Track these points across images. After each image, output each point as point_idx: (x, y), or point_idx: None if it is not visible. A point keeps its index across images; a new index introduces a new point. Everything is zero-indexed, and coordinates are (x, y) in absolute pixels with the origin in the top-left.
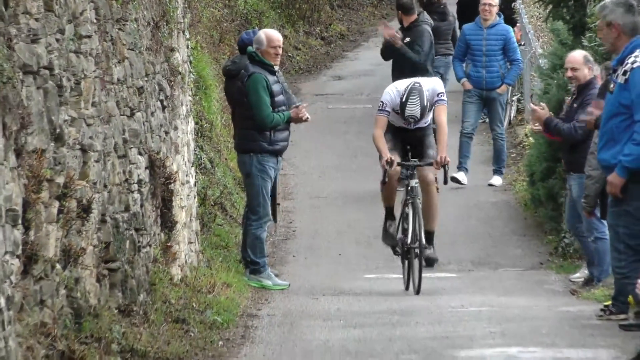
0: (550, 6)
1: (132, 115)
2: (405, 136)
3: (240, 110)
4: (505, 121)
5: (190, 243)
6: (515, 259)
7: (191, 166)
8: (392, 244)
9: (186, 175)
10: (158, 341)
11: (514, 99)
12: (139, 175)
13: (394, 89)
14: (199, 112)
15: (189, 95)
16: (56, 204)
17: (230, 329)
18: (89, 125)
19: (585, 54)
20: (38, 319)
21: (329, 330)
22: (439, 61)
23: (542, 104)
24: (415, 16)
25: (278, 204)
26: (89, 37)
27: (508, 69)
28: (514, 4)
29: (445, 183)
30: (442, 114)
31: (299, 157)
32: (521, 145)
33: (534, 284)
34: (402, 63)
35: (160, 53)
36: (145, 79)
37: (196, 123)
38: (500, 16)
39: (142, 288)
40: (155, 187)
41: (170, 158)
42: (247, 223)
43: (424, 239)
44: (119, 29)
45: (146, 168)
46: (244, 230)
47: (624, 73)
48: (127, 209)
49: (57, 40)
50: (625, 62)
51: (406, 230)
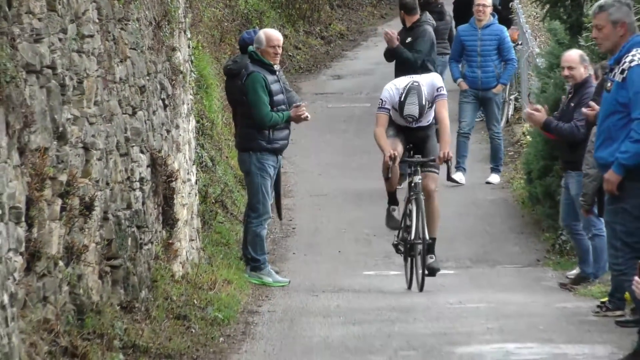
0: (548, 6)
1: (134, 114)
2: (408, 134)
3: (241, 109)
4: (503, 120)
5: (191, 240)
6: (512, 256)
7: (192, 164)
8: (396, 227)
9: (187, 173)
10: (160, 337)
11: (512, 97)
12: (140, 173)
13: (393, 87)
14: (200, 111)
15: (190, 94)
16: (59, 201)
17: (231, 325)
18: (91, 123)
19: (581, 53)
20: (41, 316)
21: (328, 327)
22: (437, 60)
23: (540, 107)
24: (417, 16)
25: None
26: (91, 37)
27: (503, 68)
28: (511, 3)
29: (448, 179)
30: (443, 109)
31: (299, 156)
32: (519, 143)
33: (531, 280)
34: (404, 62)
35: (162, 52)
36: (147, 78)
37: (197, 122)
38: (494, 16)
39: (144, 285)
40: (156, 185)
41: (171, 156)
42: (248, 220)
43: (427, 249)
44: (121, 29)
45: (148, 166)
46: (245, 227)
47: (622, 72)
48: (129, 206)
49: (60, 39)
50: (623, 61)
51: (409, 227)
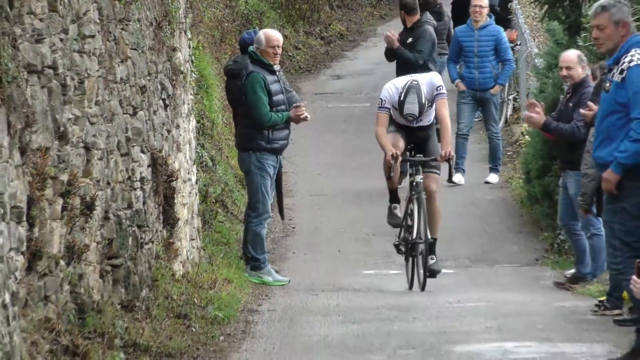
0: (546, 6)
1: (135, 113)
2: (409, 134)
3: (241, 109)
4: (502, 120)
5: (191, 240)
6: (511, 255)
7: (193, 164)
8: (397, 224)
9: (188, 173)
10: (160, 336)
11: (510, 97)
12: (141, 173)
13: (392, 86)
14: (200, 111)
15: (191, 94)
16: (60, 201)
17: (231, 324)
18: (92, 123)
19: (578, 53)
20: (42, 315)
21: (328, 326)
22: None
23: (538, 109)
24: (418, 16)
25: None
26: (92, 37)
27: (501, 69)
28: (510, 4)
29: (450, 179)
30: (444, 108)
31: (299, 155)
32: (517, 143)
33: (529, 279)
34: (405, 62)
35: (163, 52)
36: (148, 78)
37: (198, 121)
38: (490, 17)
39: (145, 284)
40: (157, 185)
41: (172, 156)
42: (248, 220)
43: (428, 250)
44: (122, 29)
45: (149, 166)
46: (245, 227)
47: (621, 72)
48: (130, 206)
49: (61, 40)
50: (622, 61)
51: (411, 227)
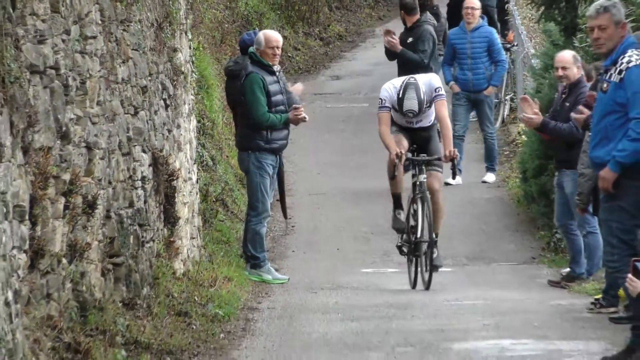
0: (543, 8)
1: (136, 113)
2: (411, 135)
3: (241, 110)
4: (499, 120)
5: (192, 238)
6: (508, 253)
7: (193, 163)
8: (402, 228)
9: (188, 172)
10: (161, 333)
11: (507, 98)
12: (142, 172)
13: (390, 86)
14: (201, 111)
15: (192, 94)
16: (62, 200)
17: (231, 321)
18: (94, 123)
19: (574, 54)
20: (45, 312)
21: (327, 323)
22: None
23: (535, 109)
24: (417, 16)
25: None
26: (94, 38)
27: (494, 70)
28: (507, 6)
29: (454, 178)
30: (443, 108)
31: (298, 155)
32: (514, 143)
33: (526, 278)
34: (406, 63)
35: (164, 53)
36: (149, 78)
37: (198, 121)
38: (483, 18)
39: (146, 282)
40: (158, 184)
41: (173, 155)
42: (247, 219)
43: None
44: (124, 30)
45: (150, 165)
46: (245, 225)
47: (620, 72)
48: (131, 205)
49: (63, 40)
50: (620, 62)
51: (414, 227)
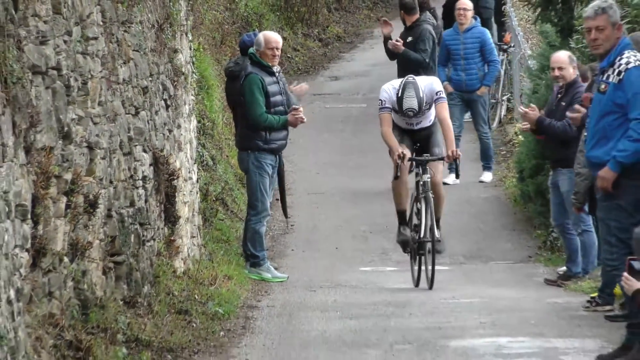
0: (539, 9)
1: (137, 114)
2: (412, 136)
3: (240, 110)
4: (496, 120)
5: (192, 237)
6: (505, 252)
7: (194, 163)
8: (406, 241)
9: (189, 172)
10: (162, 331)
11: (504, 98)
12: (143, 172)
13: (390, 86)
14: (201, 111)
15: (192, 94)
16: (64, 199)
17: (231, 319)
18: (95, 123)
19: (569, 54)
20: (46, 310)
21: (326, 321)
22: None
23: (533, 105)
24: (417, 16)
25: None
26: (95, 39)
27: (487, 70)
28: (504, 7)
29: (457, 177)
30: (444, 111)
31: (297, 155)
32: (511, 143)
33: (523, 276)
34: (407, 62)
35: (164, 54)
36: (150, 79)
37: (198, 121)
38: (476, 19)
39: (147, 280)
40: (159, 183)
41: (173, 155)
42: (247, 218)
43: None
44: (125, 31)
45: (150, 165)
46: (245, 224)
47: (618, 73)
48: (132, 204)
49: (65, 41)
50: (618, 63)
51: (418, 226)
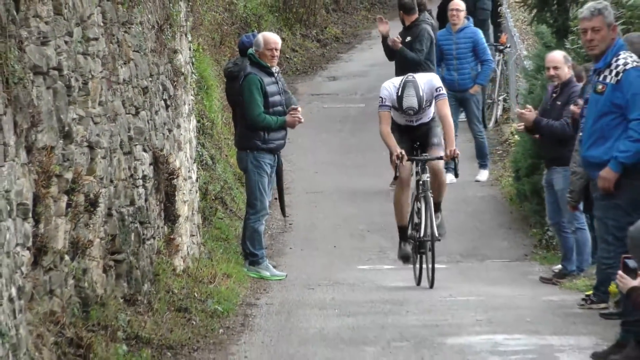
0: (535, 10)
1: (137, 114)
2: (412, 134)
3: (239, 110)
4: (492, 120)
5: (192, 236)
6: (501, 250)
7: (193, 162)
8: (407, 256)
9: (188, 171)
10: (161, 329)
11: (500, 98)
12: (143, 171)
13: (390, 85)
14: (200, 111)
15: (191, 94)
16: (65, 198)
17: (230, 317)
18: (96, 123)
19: (564, 54)
20: (47, 308)
21: (324, 319)
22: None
23: (529, 106)
24: (416, 16)
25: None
26: (96, 40)
27: (480, 69)
28: (500, 8)
29: (456, 176)
30: (445, 107)
31: (295, 154)
32: (507, 142)
33: (519, 274)
34: (405, 62)
35: (164, 55)
36: (150, 79)
37: (198, 121)
38: (468, 19)
39: (147, 278)
40: (159, 183)
41: (173, 155)
42: (246, 217)
43: (435, 211)
44: (125, 32)
45: (150, 164)
46: (244, 223)
47: (617, 74)
48: (132, 203)
49: (66, 42)
50: (615, 64)
51: (418, 225)
